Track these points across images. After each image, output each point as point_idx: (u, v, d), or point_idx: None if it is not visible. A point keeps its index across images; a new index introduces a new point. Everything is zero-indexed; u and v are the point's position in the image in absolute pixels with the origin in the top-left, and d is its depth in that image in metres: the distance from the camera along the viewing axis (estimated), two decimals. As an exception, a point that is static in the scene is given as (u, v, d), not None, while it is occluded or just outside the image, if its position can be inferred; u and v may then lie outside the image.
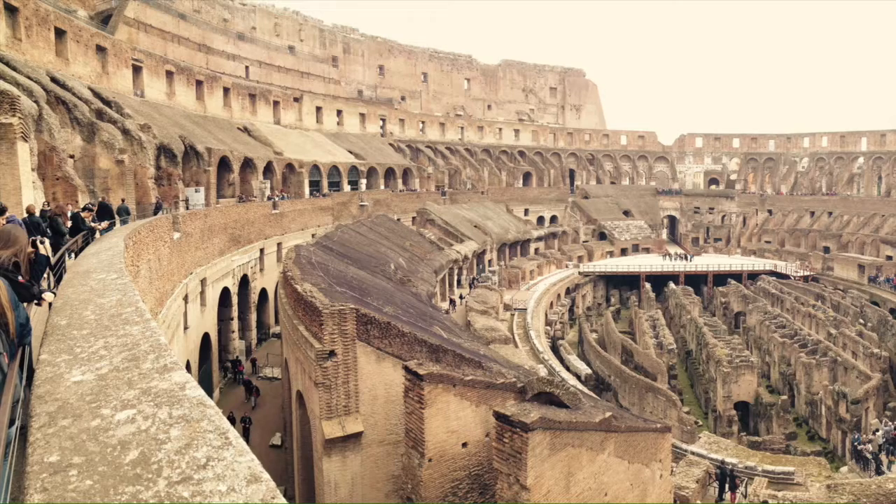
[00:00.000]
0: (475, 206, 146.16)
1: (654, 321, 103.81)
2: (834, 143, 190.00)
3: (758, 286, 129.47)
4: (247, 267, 73.07)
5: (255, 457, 4.30)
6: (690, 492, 38.71)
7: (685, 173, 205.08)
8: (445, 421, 25.40)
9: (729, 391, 76.09)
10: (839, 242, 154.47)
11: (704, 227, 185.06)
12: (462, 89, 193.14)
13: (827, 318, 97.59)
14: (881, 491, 39.94)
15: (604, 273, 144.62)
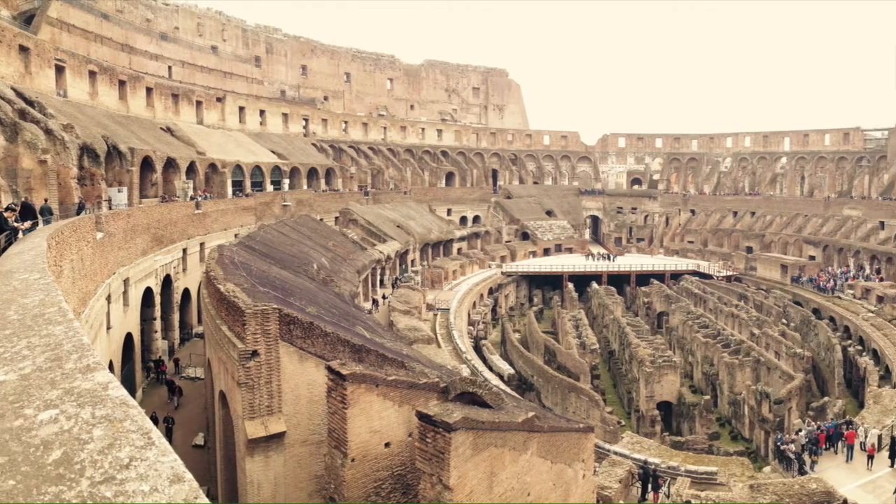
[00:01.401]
0: (398, 206, 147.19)
1: (576, 321, 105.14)
2: (757, 143, 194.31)
3: (681, 286, 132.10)
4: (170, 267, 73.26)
5: (177, 457, 5.10)
6: (613, 492, 39.39)
7: (608, 173, 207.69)
8: (368, 421, 25.90)
9: (652, 391, 78.11)
10: (762, 242, 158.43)
11: (627, 227, 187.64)
12: (385, 89, 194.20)
13: (750, 318, 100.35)
14: (804, 491, 41.70)
15: (526, 273, 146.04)
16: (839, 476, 50.75)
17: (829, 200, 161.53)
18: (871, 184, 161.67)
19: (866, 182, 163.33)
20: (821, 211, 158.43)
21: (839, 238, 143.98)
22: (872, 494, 48.03)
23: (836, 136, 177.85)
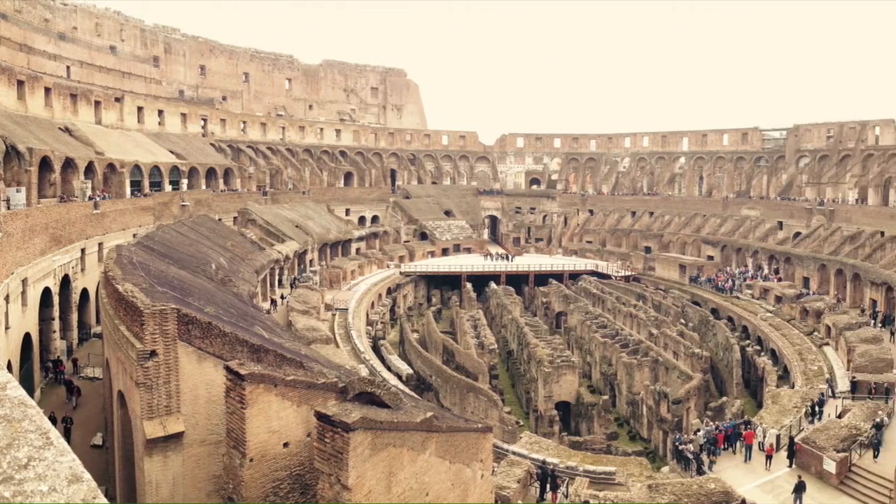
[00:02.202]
0: (296, 206, 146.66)
1: (475, 321, 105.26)
2: (655, 143, 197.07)
3: (579, 286, 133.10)
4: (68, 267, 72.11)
5: (76, 457, 4.84)
6: (511, 492, 39.27)
7: (506, 173, 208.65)
8: (267, 421, 25.62)
9: (550, 391, 78.27)
10: (660, 242, 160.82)
11: (526, 227, 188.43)
12: (283, 89, 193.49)
13: (648, 318, 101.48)
14: (702, 491, 42.12)
15: (425, 273, 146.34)
16: (737, 476, 51.24)
17: (727, 200, 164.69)
18: (769, 184, 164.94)
19: (764, 182, 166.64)
20: (719, 211, 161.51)
21: (737, 238, 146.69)
22: (771, 494, 48.63)
23: (735, 136, 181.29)
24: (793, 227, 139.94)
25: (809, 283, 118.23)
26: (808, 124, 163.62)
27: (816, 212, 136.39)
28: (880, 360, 72.31)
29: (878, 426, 55.47)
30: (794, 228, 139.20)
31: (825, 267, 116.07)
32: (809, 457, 51.53)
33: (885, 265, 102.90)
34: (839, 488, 49.04)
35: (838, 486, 49.14)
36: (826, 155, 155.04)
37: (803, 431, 56.30)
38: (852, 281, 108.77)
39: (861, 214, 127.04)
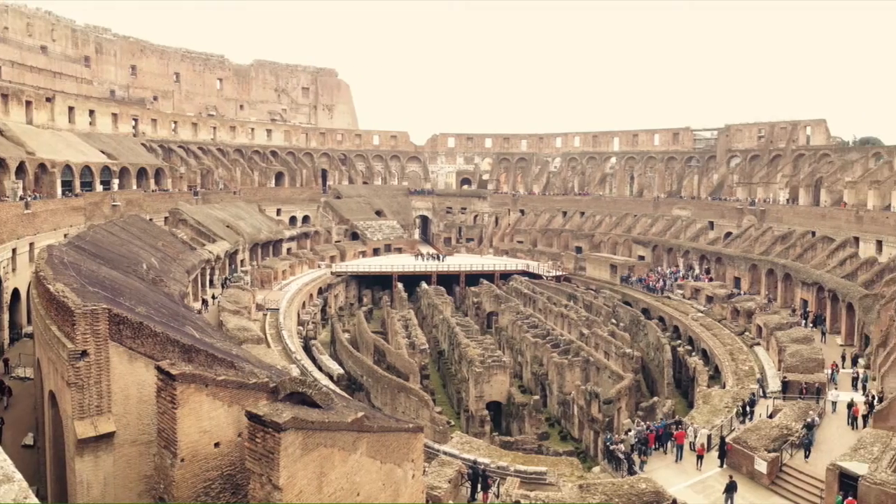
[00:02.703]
0: (227, 206, 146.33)
1: (406, 321, 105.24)
2: (586, 143, 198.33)
3: (510, 286, 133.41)
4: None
5: (7, 457, 4.44)
6: (443, 492, 39.14)
7: (437, 173, 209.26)
8: (198, 421, 25.39)
9: (481, 391, 78.31)
10: (591, 242, 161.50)
11: (457, 227, 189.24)
12: (215, 89, 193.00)
13: (579, 318, 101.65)
14: (633, 491, 42.04)
15: (356, 273, 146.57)
16: (669, 476, 51.29)
17: (658, 200, 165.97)
18: (700, 184, 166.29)
19: (696, 182, 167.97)
20: (650, 211, 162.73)
21: (668, 238, 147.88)
22: (702, 494, 48.69)
23: (666, 137, 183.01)
24: (724, 227, 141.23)
25: (741, 283, 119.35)
26: (739, 124, 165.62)
27: (748, 212, 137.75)
28: (811, 360, 72.84)
29: (809, 426, 55.87)
30: (725, 228, 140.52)
31: (756, 267, 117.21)
32: (740, 457, 51.67)
33: (816, 265, 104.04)
34: (770, 488, 49.21)
35: (769, 486, 49.31)
36: (757, 155, 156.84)
37: (734, 431, 56.54)
38: (783, 281, 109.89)
39: (792, 214, 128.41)
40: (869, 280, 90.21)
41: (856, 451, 46.98)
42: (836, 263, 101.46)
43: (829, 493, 44.65)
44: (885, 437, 49.09)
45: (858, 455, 46.12)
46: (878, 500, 41.35)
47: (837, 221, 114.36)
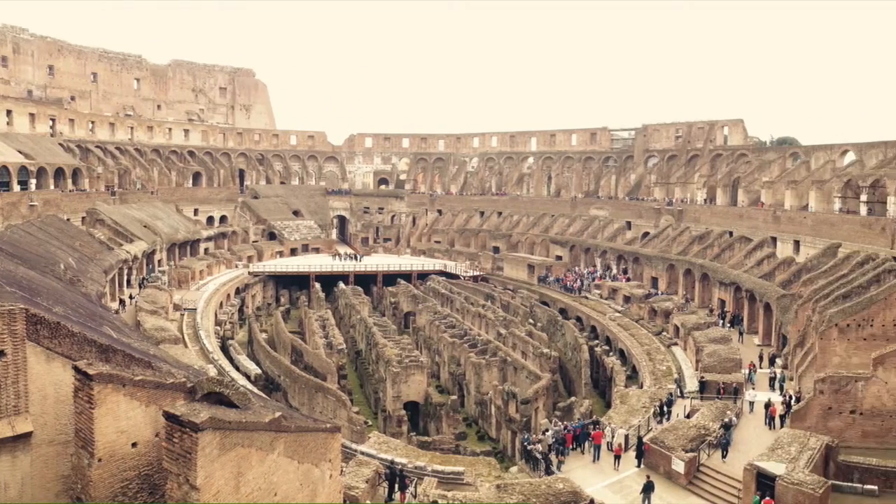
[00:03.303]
0: (145, 206, 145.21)
1: (323, 321, 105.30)
2: (504, 144, 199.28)
3: (428, 286, 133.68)
4: (-86, 267, 69.61)
5: None
6: (360, 492, 38.97)
7: (355, 173, 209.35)
8: (115, 421, 25.11)
9: (398, 391, 78.24)
10: (509, 242, 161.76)
11: (374, 227, 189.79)
12: (132, 89, 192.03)
13: (497, 318, 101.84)
14: (551, 491, 41.90)
15: (273, 273, 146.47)
16: (586, 476, 51.31)
17: (575, 200, 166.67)
18: (617, 184, 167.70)
19: (613, 182, 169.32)
20: (568, 211, 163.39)
21: (586, 238, 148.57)
22: (619, 494, 48.72)
23: (583, 136, 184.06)
24: (641, 227, 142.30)
25: (658, 283, 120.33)
26: (656, 124, 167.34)
27: (665, 212, 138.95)
28: (729, 360, 73.48)
29: (726, 426, 56.22)
30: (642, 228, 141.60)
31: (674, 267, 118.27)
32: (658, 457, 51.80)
33: (734, 265, 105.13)
34: (688, 488, 49.38)
35: (687, 486, 49.48)
36: (675, 155, 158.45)
37: (652, 431, 56.68)
38: (701, 281, 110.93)
39: (709, 214, 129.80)
40: (786, 280, 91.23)
41: (773, 451, 47.26)
42: (754, 263, 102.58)
43: (747, 493, 44.82)
44: (803, 437, 49.49)
45: (776, 455, 46.40)
46: (796, 500, 41.61)
47: (755, 221, 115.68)
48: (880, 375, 52.92)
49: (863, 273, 75.01)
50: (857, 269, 78.46)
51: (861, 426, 53.65)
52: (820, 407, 53.75)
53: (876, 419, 53.35)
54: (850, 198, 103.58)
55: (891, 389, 52.83)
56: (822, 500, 41.25)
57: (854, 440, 53.08)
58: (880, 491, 46.13)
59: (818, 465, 46.23)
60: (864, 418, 53.51)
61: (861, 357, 62.25)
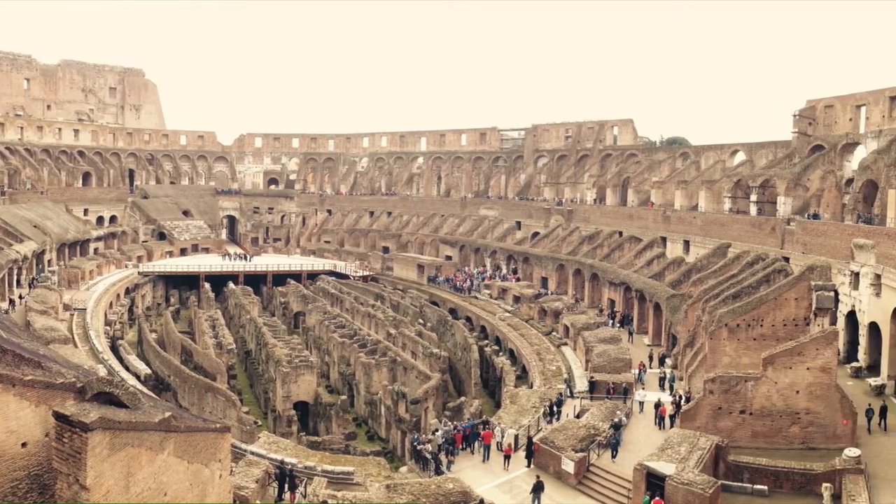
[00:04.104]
0: (35, 206, 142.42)
1: (213, 321, 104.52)
2: (394, 143, 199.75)
3: (317, 286, 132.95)
4: None
5: None
6: (250, 492, 38.66)
7: (245, 173, 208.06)
8: (5, 421, 24.46)
9: (288, 391, 77.86)
10: (399, 242, 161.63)
11: (264, 227, 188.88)
12: (22, 89, 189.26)
13: (387, 318, 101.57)
14: (441, 491, 41.69)
15: (163, 273, 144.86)
16: (476, 476, 51.17)
17: (465, 200, 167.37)
18: (507, 184, 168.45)
19: (503, 182, 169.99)
20: (457, 211, 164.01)
21: (476, 238, 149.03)
22: (509, 495, 48.66)
23: (473, 136, 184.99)
24: (531, 226, 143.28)
25: (548, 282, 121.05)
26: (546, 124, 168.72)
27: (555, 212, 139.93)
28: (618, 360, 74.07)
29: (616, 426, 56.56)
30: (532, 228, 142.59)
31: (563, 267, 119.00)
32: (548, 457, 51.84)
33: (624, 265, 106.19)
34: (577, 488, 49.46)
35: (576, 486, 49.57)
36: (564, 155, 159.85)
37: (542, 431, 56.74)
38: (591, 281, 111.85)
39: (599, 214, 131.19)
40: (676, 280, 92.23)
41: (663, 451, 47.46)
42: (644, 263, 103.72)
43: (637, 492, 44.99)
44: (693, 437, 49.78)
45: (665, 455, 46.62)
46: (685, 500, 41.83)
47: (645, 221, 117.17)
48: (770, 375, 53.53)
49: (753, 273, 76.20)
50: (747, 269, 79.75)
51: (751, 426, 54.16)
52: (710, 407, 54.17)
53: (766, 419, 53.93)
54: (740, 198, 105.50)
55: (780, 389, 53.51)
56: (712, 500, 41.54)
57: (744, 440, 53.53)
58: (770, 491, 46.52)
59: (708, 465, 46.53)
60: (754, 418, 54.06)
61: (751, 357, 62.94)
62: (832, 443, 52.67)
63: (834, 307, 66.26)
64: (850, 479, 44.31)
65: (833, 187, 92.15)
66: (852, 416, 54.01)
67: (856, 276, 71.14)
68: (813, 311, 62.53)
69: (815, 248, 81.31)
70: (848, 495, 42.54)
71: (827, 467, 46.18)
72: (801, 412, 53.70)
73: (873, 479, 46.34)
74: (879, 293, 66.93)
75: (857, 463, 45.80)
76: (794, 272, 69.89)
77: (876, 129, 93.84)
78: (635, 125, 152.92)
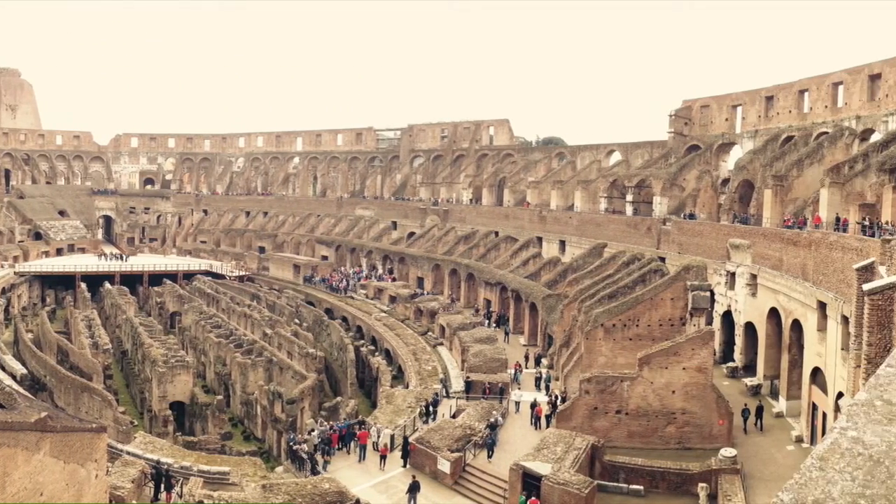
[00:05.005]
0: None
1: (89, 321, 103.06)
2: (270, 143, 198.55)
3: (193, 286, 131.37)
4: None
5: None
6: (126, 492, 38.22)
7: (121, 173, 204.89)
8: None
9: (164, 391, 76.70)
10: (275, 242, 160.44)
11: (140, 227, 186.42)
12: None
13: (263, 318, 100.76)
14: (317, 491, 41.43)
15: (39, 273, 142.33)
16: (352, 476, 50.89)
17: (341, 200, 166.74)
18: (383, 184, 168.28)
19: (379, 182, 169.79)
20: (333, 211, 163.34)
21: (352, 238, 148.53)
22: (385, 494, 48.42)
23: (349, 137, 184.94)
24: (407, 226, 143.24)
25: (424, 283, 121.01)
26: (422, 124, 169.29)
27: (431, 212, 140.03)
28: (494, 359, 74.12)
29: (492, 426, 56.57)
30: (408, 228, 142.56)
31: (439, 267, 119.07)
32: (424, 457, 51.67)
33: (500, 265, 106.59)
34: (453, 488, 49.37)
35: (453, 486, 49.47)
36: (440, 155, 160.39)
37: (417, 431, 56.65)
38: (467, 281, 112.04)
39: (475, 214, 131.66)
40: (552, 280, 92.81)
41: (539, 451, 47.44)
42: (520, 263, 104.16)
43: (513, 492, 44.98)
44: (568, 437, 49.84)
45: (542, 455, 46.62)
46: (561, 500, 41.90)
47: (521, 221, 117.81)
48: (646, 375, 54.01)
49: (629, 273, 76.66)
50: (623, 269, 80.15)
51: (627, 426, 54.51)
52: (586, 407, 54.37)
53: (641, 419, 54.36)
54: (616, 198, 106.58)
55: (656, 389, 54.03)
56: (588, 500, 41.72)
57: (620, 440, 53.85)
58: (646, 491, 46.86)
59: (584, 465, 46.64)
60: (630, 418, 54.46)
61: (627, 357, 63.14)
62: (708, 443, 53.32)
63: (710, 307, 67.14)
64: (725, 478, 44.88)
65: (709, 187, 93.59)
66: (728, 416, 54.80)
67: (732, 276, 72.63)
68: (689, 311, 63.15)
69: (691, 248, 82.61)
70: (724, 495, 43.17)
71: (703, 467, 46.73)
72: (677, 412, 54.27)
73: (749, 478, 47.15)
74: (755, 293, 68.42)
75: (733, 463, 46.44)
76: (670, 272, 70.61)
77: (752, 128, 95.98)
78: (511, 125, 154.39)
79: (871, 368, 27.16)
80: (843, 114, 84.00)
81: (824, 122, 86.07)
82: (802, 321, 58.58)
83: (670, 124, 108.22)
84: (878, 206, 56.95)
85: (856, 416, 6.13)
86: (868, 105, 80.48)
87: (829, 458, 5.19)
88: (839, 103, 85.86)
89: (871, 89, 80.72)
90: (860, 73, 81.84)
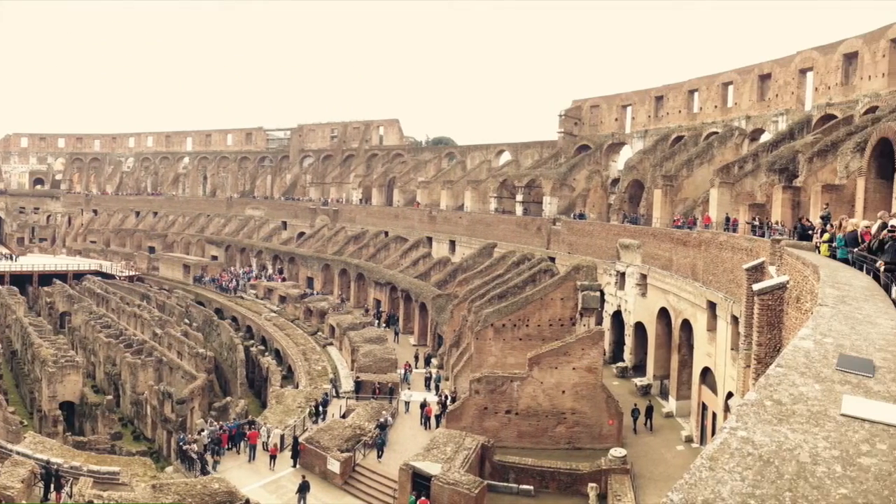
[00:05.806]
0: None
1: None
2: (160, 143, 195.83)
3: (83, 286, 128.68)
4: None
5: None
6: (16, 492, 38.01)
7: (11, 173, 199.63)
8: None
9: (54, 391, 75.85)
10: (165, 242, 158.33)
11: (30, 227, 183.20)
12: None
13: (153, 318, 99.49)
14: (206, 491, 41.25)
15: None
16: (242, 476, 50.70)
17: (231, 200, 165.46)
18: (273, 184, 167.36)
19: (269, 182, 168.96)
20: (223, 211, 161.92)
21: (242, 238, 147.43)
22: (275, 495, 48.35)
23: (239, 137, 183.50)
24: (297, 226, 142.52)
25: (314, 282, 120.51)
26: (312, 124, 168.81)
27: (321, 212, 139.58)
28: (384, 360, 74.22)
29: (382, 426, 56.70)
30: (298, 228, 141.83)
31: (329, 267, 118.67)
32: (313, 457, 51.64)
33: (389, 265, 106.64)
34: (343, 488, 49.46)
35: (343, 486, 49.56)
36: (330, 155, 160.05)
37: (307, 431, 56.64)
38: (357, 281, 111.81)
39: (365, 214, 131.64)
40: (442, 280, 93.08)
41: (429, 451, 47.67)
42: (410, 263, 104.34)
43: (403, 492, 45.12)
44: (458, 437, 50.12)
45: (431, 455, 46.84)
46: (451, 500, 42.19)
47: (411, 221, 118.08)
48: (536, 375, 54.38)
49: (518, 273, 77.27)
50: (513, 268, 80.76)
51: (517, 426, 54.75)
52: (475, 407, 54.53)
53: (531, 419, 54.63)
54: (505, 198, 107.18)
55: (546, 389, 54.41)
56: (478, 499, 42.05)
57: (510, 440, 54.11)
58: (536, 491, 47.20)
59: (474, 465, 46.95)
60: (520, 418, 54.72)
61: (517, 357, 63.36)
62: (598, 443, 53.86)
63: (600, 307, 67.39)
64: (615, 478, 45.52)
65: (599, 187, 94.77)
66: (618, 416, 55.45)
67: (622, 276, 73.10)
68: (579, 311, 63.85)
69: (580, 247, 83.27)
70: (613, 495, 43.79)
71: (593, 467, 47.29)
72: (566, 412, 54.70)
73: (639, 478, 47.91)
74: (645, 293, 69.26)
75: (623, 463, 47.14)
76: (560, 272, 71.38)
77: (642, 129, 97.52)
78: (401, 125, 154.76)
79: (760, 368, 27.81)
80: (732, 114, 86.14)
81: (714, 122, 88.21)
82: (692, 321, 59.52)
83: (560, 124, 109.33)
84: (768, 206, 57.90)
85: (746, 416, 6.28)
86: (758, 105, 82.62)
87: (718, 458, 5.31)
88: (729, 103, 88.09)
89: (761, 89, 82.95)
90: (750, 74, 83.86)
